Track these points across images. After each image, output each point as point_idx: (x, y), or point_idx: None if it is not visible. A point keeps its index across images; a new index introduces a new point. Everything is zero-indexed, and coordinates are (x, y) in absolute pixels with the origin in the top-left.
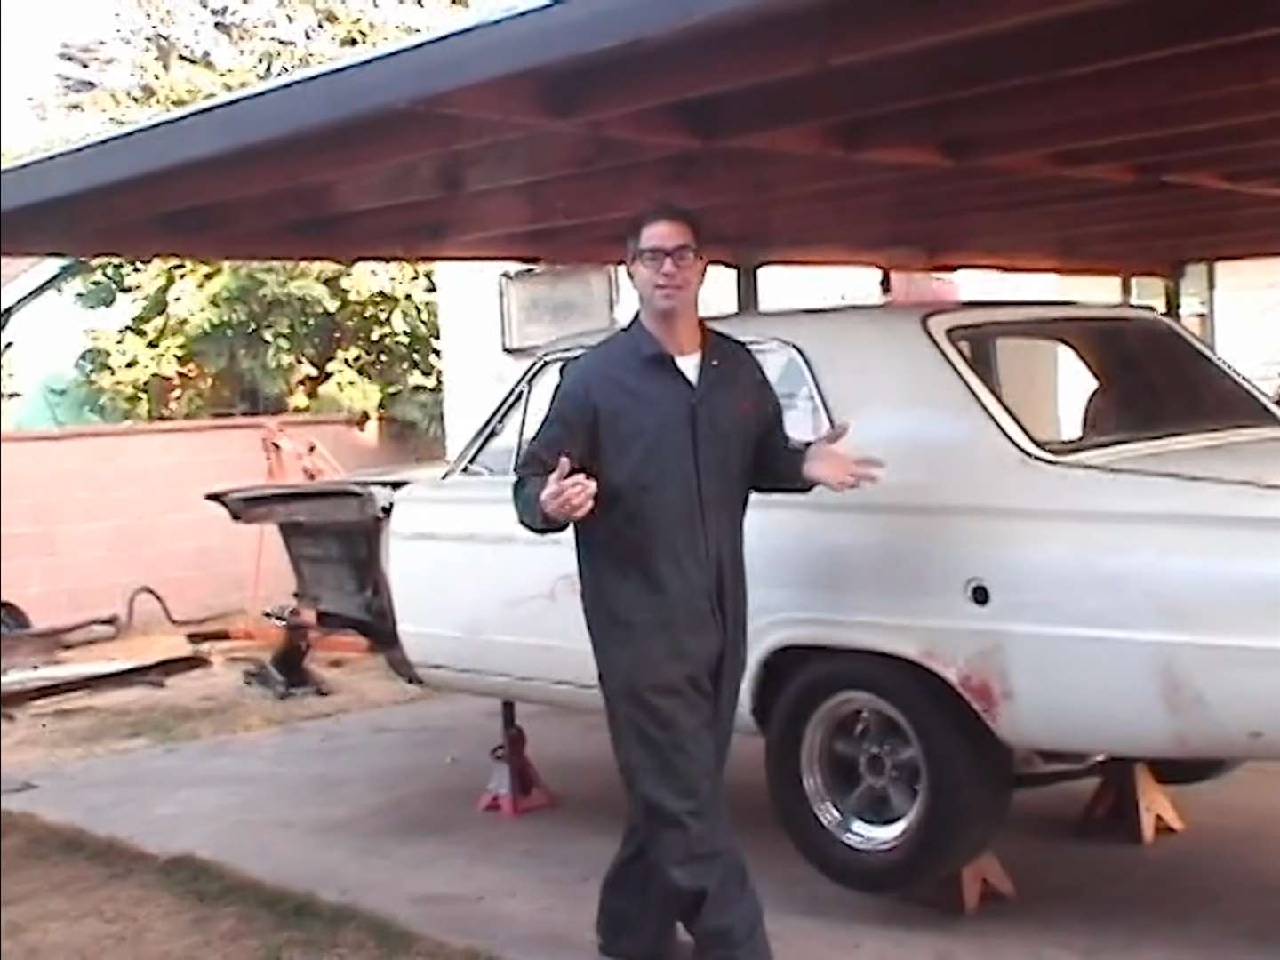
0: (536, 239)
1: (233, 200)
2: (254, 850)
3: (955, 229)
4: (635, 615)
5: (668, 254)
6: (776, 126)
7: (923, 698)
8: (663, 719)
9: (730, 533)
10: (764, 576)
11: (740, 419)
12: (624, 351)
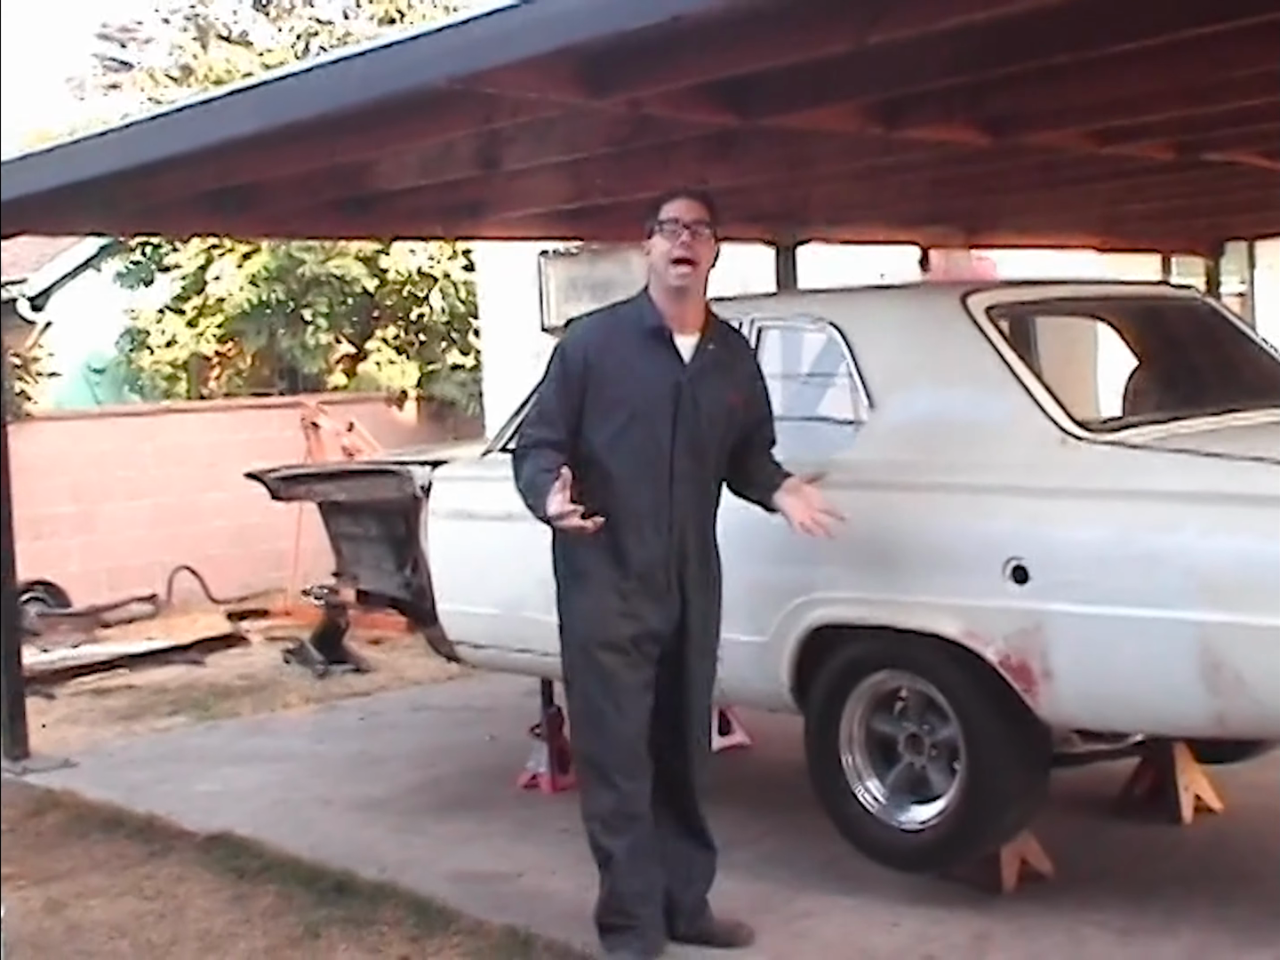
0: (575, 217)
1: (272, 179)
2: (293, 828)
3: (994, 207)
4: (594, 572)
5: (686, 226)
6: (815, 105)
7: (962, 677)
8: (605, 673)
9: (699, 512)
10: (802, 555)
11: (726, 407)
12: (627, 320)
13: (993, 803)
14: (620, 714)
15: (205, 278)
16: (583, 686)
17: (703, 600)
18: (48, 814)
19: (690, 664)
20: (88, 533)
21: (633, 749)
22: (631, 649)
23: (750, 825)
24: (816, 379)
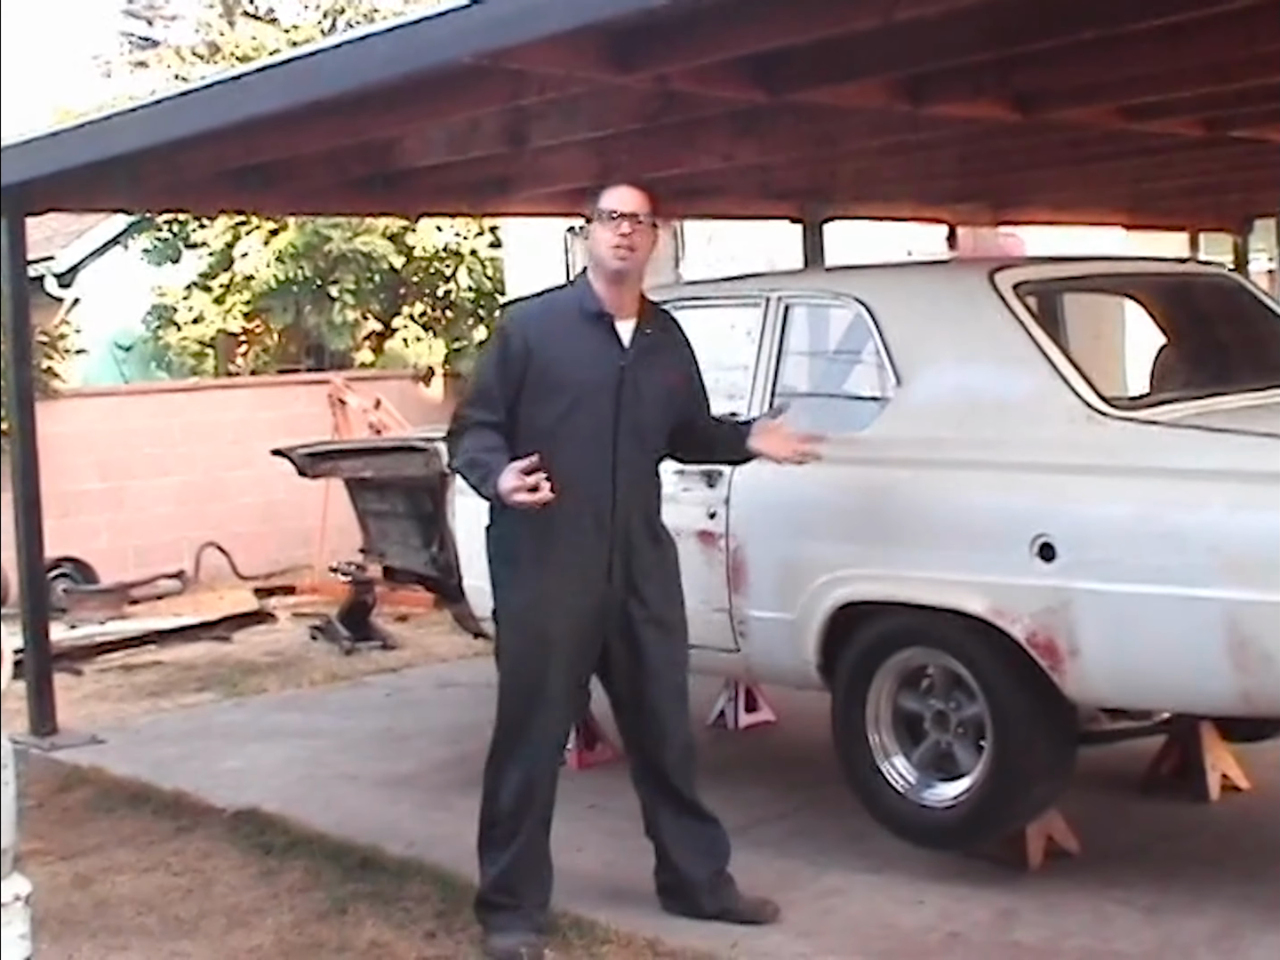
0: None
1: (299, 156)
2: (320, 803)
3: (1022, 184)
4: (524, 553)
5: (626, 217)
6: (843, 81)
7: (989, 654)
8: (539, 658)
9: (643, 495)
10: (828, 532)
11: (665, 390)
12: (567, 304)
13: (1019, 780)
14: (541, 702)
15: (232, 255)
16: (511, 676)
17: (655, 581)
18: (75, 789)
19: (648, 648)
20: (115, 509)
21: (551, 739)
22: (565, 639)
23: (776, 802)
24: (843, 356)
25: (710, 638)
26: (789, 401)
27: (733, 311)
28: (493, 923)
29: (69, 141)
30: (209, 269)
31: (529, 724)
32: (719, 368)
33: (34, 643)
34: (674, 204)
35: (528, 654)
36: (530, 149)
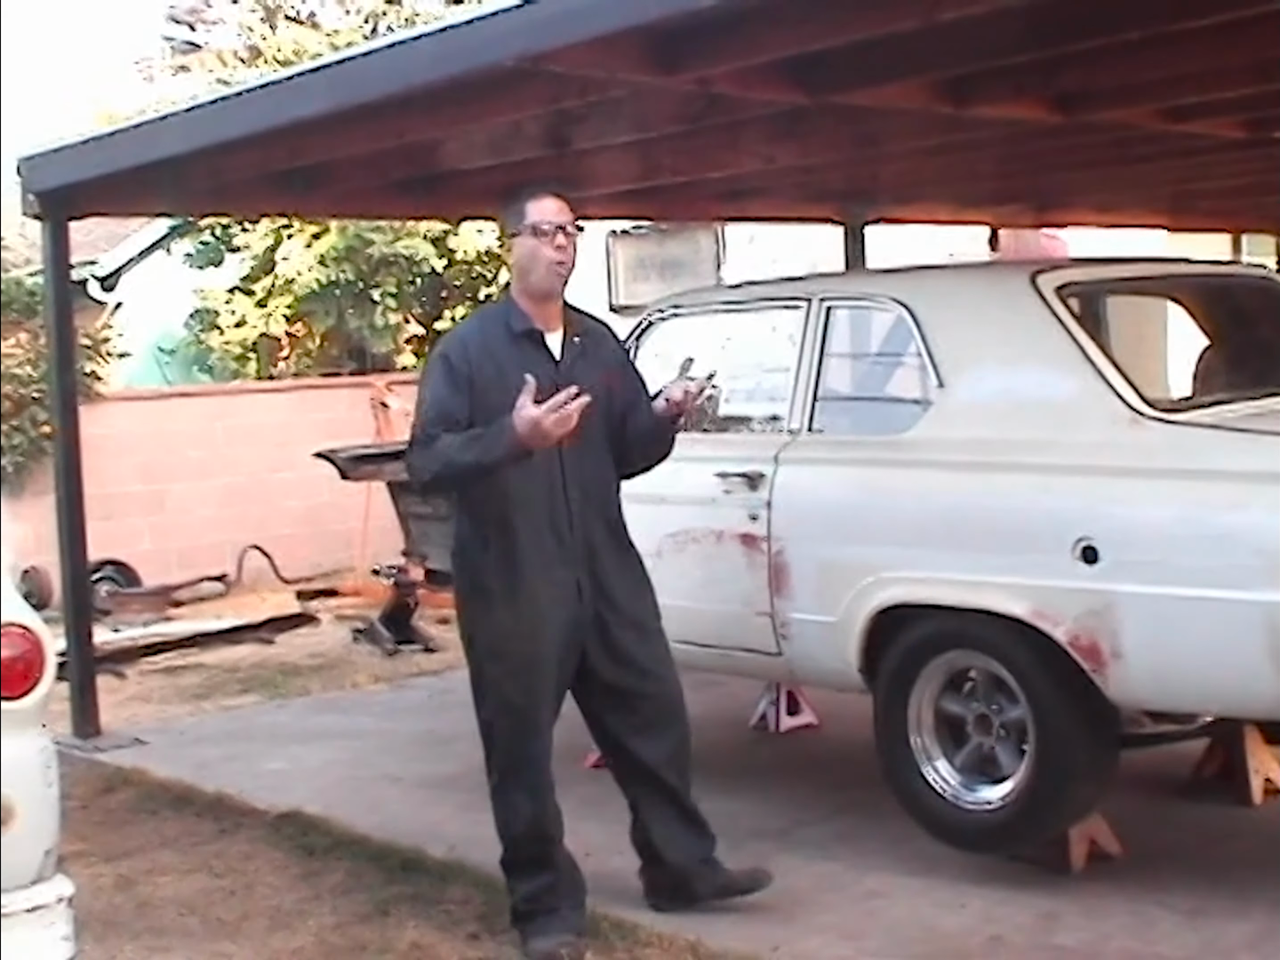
0: (643, 196)
1: (341, 159)
2: (362, 805)
3: (1064, 185)
4: (494, 584)
5: (559, 228)
6: (884, 82)
7: (1031, 657)
8: (522, 685)
9: (599, 503)
10: (870, 535)
11: (603, 392)
12: (496, 325)
13: (1061, 783)
14: (533, 730)
15: (274, 258)
16: (500, 705)
17: (625, 586)
18: (118, 791)
19: (630, 649)
20: (158, 512)
21: (547, 758)
22: (542, 661)
23: (818, 804)
24: (885, 358)
25: (752, 640)
26: (691, 359)
27: (774, 314)
28: (530, 928)
29: (113, 145)
30: (251, 272)
31: (526, 749)
32: (761, 370)
33: (77, 645)
34: (715, 206)
35: (514, 681)
36: (572, 151)
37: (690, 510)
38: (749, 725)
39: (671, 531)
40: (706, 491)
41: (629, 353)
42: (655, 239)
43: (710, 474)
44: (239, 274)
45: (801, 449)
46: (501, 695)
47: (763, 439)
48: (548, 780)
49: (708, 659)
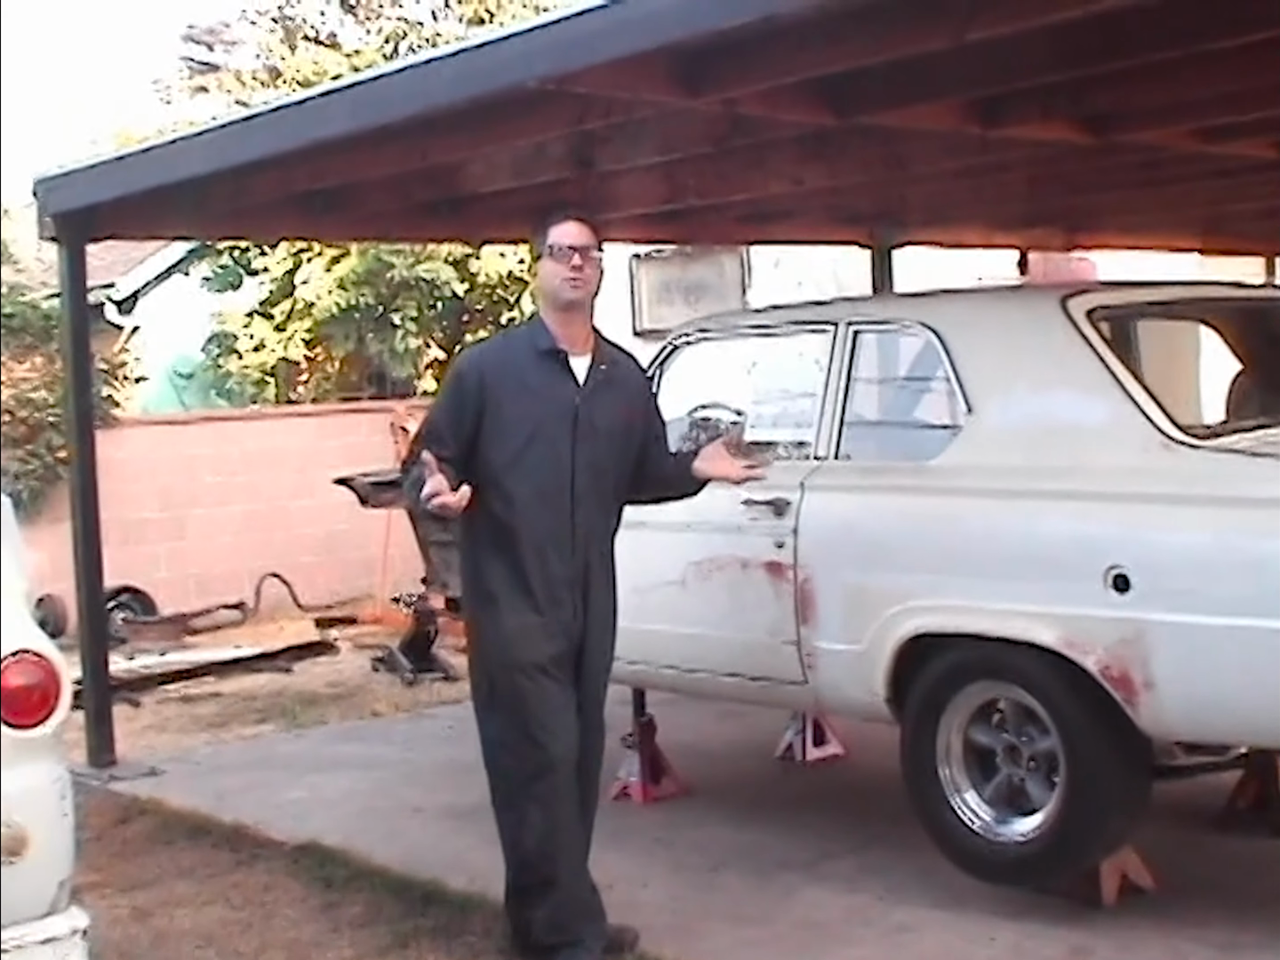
0: (668, 219)
1: (362, 181)
2: (382, 836)
3: (1095, 207)
4: (502, 594)
5: (576, 250)
6: (913, 103)
7: (1062, 687)
8: (526, 697)
9: (600, 531)
10: (898, 562)
11: (622, 426)
12: (522, 343)
13: (1093, 816)
14: (549, 735)
15: (293, 281)
16: (504, 712)
17: (602, 617)
18: (134, 821)
19: (586, 682)
20: (175, 539)
21: (565, 767)
22: (549, 668)
23: (845, 837)
24: (913, 383)
25: (778, 670)
26: (740, 422)
27: (801, 339)
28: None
29: (131, 166)
30: (270, 296)
31: (537, 757)
32: (787, 395)
33: (93, 673)
34: (741, 229)
35: (520, 688)
36: (596, 173)
37: (716, 537)
38: (775, 756)
39: (696, 559)
40: (732, 518)
41: (655, 389)
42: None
43: (736, 501)
44: (258, 297)
45: (828, 475)
46: (508, 701)
47: (789, 465)
48: (565, 790)
49: (733, 689)
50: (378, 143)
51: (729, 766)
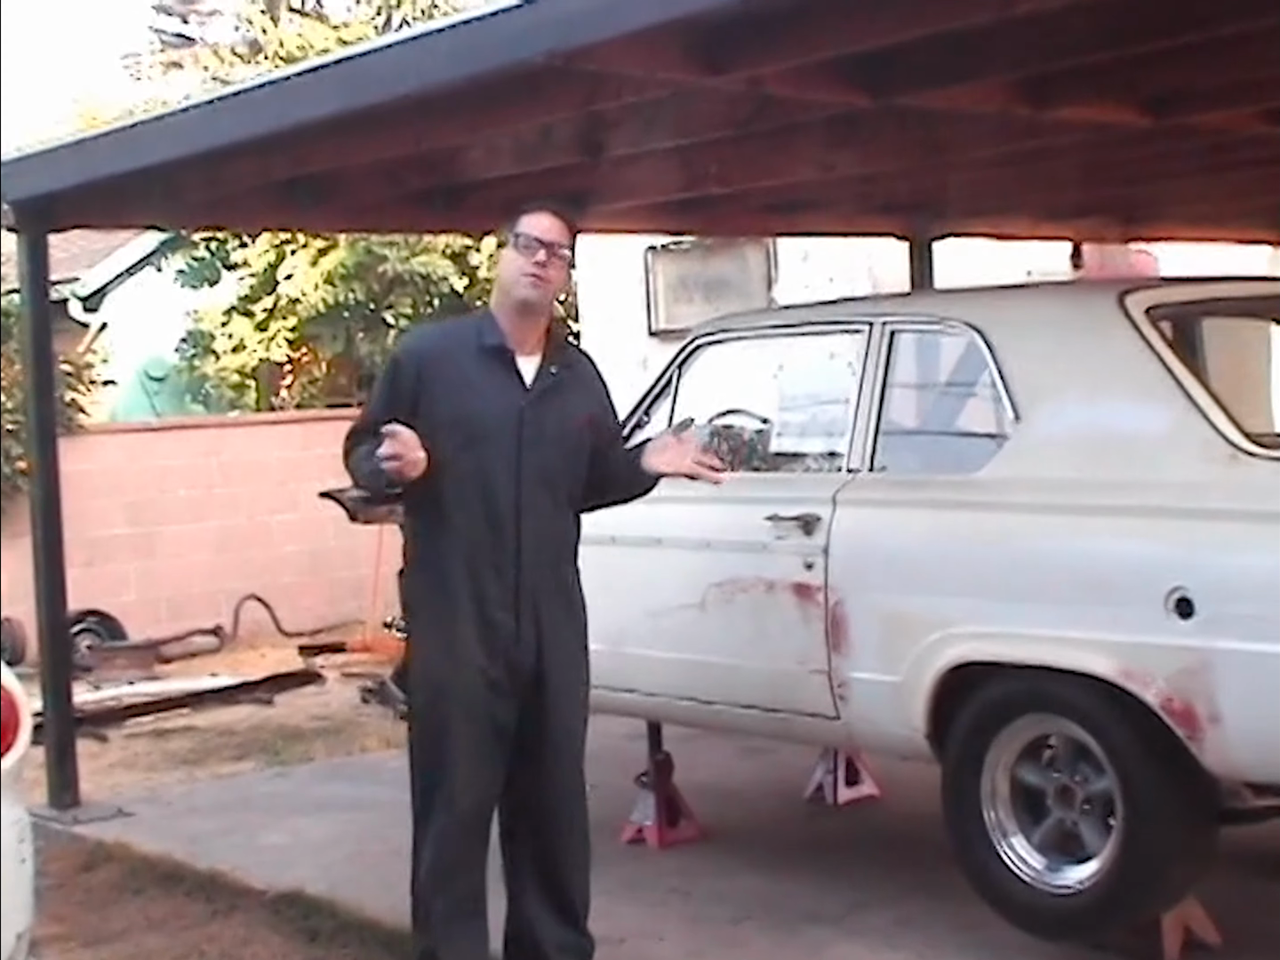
0: (686, 209)
1: (351, 167)
2: (372, 885)
3: (1155, 196)
4: (424, 610)
5: (544, 245)
6: (955, 82)
7: (1118, 721)
8: (440, 719)
9: (552, 546)
10: (939, 585)
11: (573, 432)
12: (467, 335)
13: (1153, 863)
14: (457, 786)
15: (276, 276)
16: (417, 740)
17: (563, 643)
18: (99, 868)
19: (550, 717)
20: (146, 557)
21: (463, 809)
22: (468, 697)
23: (882, 886)
24: (955, 389)
25: (806, 702)
26: (691, 419)
27: (832, 339)
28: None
29: (97, 150)
30: (250, 292)
31: (437, 793)
32: (816, 402)
33: (55, 705)
34: (766, 219)
35: (433, 713)
36: (607, 159)
37: (738, 557)
38: (803, 797)
39: (717, 580)
40: (757, 536)
41: (608, 394)
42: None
43: (761, 517)
44: (237, 294)
45: (862, 489)
46: (420, 725)
47: (819, 478)
48: (458, 834)
49: (757, 723)
50: (368, 125)
51: (753, 808)
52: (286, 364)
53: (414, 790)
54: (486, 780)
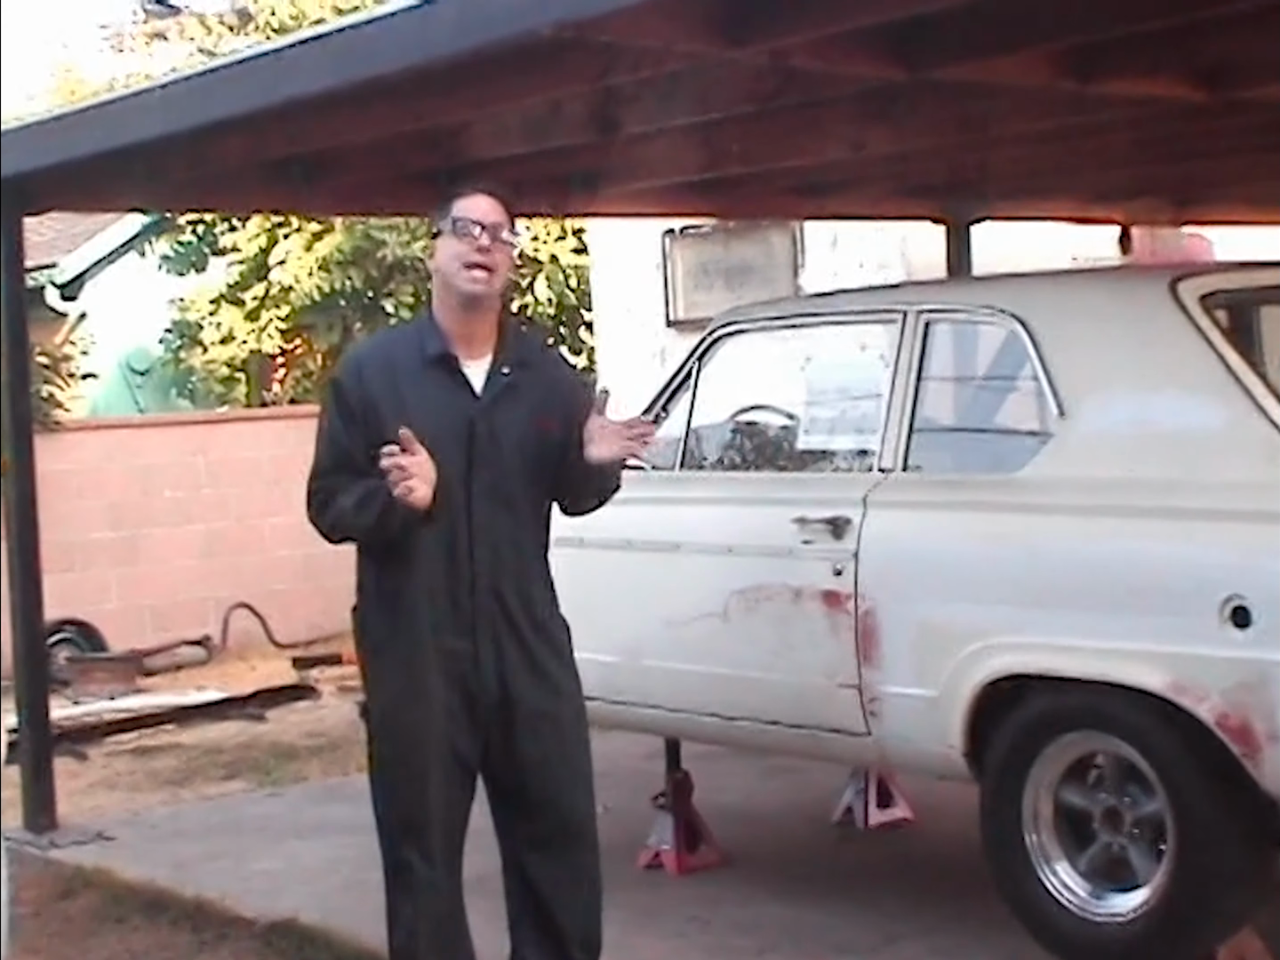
0: (706, 190)
1: (348, 145)
2: (370, 914)
3: (1210, 175)
4: (383, 647)
5: (485, 228)
6: (996, 54)
7: (1170, 739)
8: (407, 766)
9: (515, 568)
10: (978, 592)
11: (534, 437)
12: (407, 345)
13: (1207, 891)
14: (424, 822)
15: (268, 262)
16: (382, 789)
17: (532, 667)
18: (78, 895)
19: (521, 745)
20: (128, 563)
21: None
22: (431, 739)
23: (916, 916)
24: (995, 383)
25: (835, 718)
26: (606, 391)
27: (862, 330)
28: None
29: (75, 127)
30: (240, 279)
31: (406, 846)
32: (845, 396)
33: (31, 721)
34: (792, 201)
35: (398, 760)
36: (622, 137)
37: (762, 563)
38: (832, 820)
39: (739, 588)
40: (782, 540)
41: (582, 387)
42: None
43: (786, 520)
44: (226, 281)
45: (895, 490)
46: (383, 773)
47: (849, 478)
48: (431, 886)
49: (782, 740)
50: (366, 100)
51: (777, 832)
52: (279, 356)
53: (381, 843)
54: (458, 821)
